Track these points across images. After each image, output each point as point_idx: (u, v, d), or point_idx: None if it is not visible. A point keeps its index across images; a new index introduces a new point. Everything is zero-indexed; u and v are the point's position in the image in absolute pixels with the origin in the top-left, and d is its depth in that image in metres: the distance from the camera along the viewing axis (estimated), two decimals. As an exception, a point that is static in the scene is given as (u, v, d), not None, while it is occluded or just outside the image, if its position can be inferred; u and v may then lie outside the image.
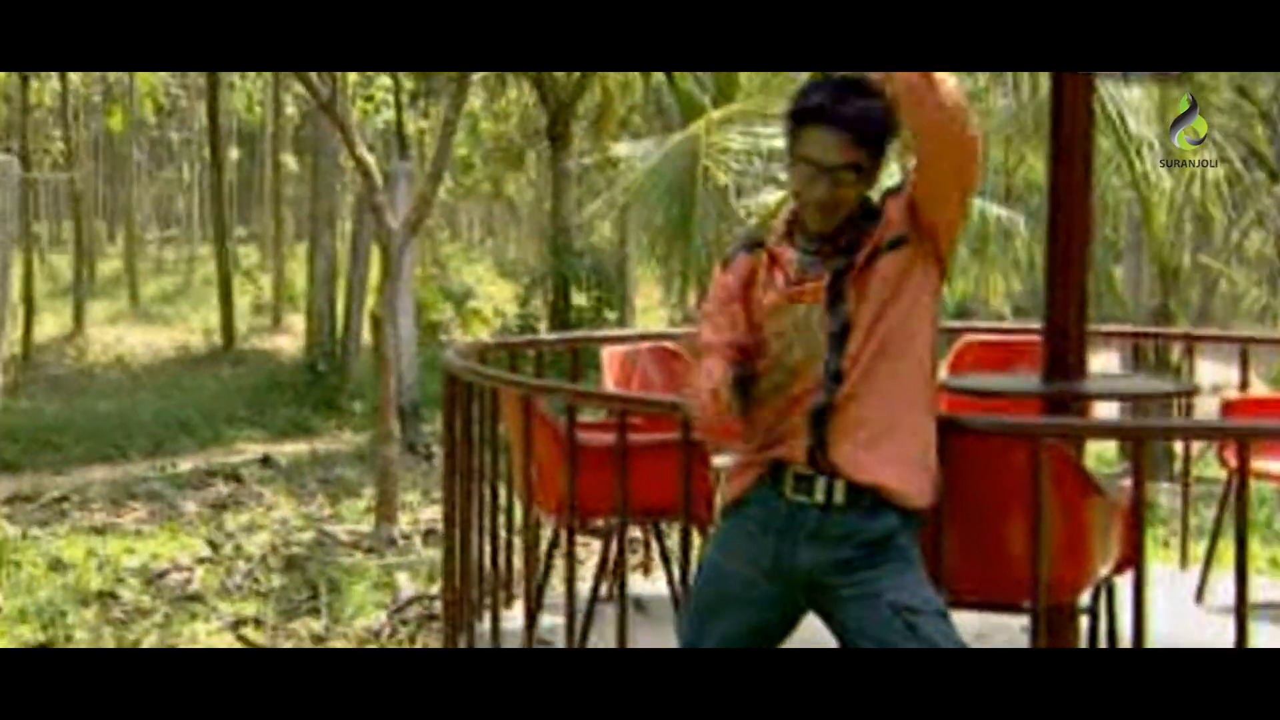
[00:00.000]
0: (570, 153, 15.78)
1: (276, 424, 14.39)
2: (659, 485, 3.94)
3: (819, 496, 2.93)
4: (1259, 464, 4.60)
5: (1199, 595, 5.07)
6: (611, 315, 15.33)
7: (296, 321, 21.15)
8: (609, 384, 5.33)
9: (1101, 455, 9.74)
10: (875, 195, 3.06)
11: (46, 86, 24.78)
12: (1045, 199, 4.54)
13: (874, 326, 2.92)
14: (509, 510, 4.74)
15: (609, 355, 5.49)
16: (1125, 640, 3.63)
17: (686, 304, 11.67)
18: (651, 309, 22.10)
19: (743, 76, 12.30)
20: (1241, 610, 3.47)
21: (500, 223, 38.70)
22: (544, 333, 14.12)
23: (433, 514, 8.66)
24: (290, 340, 21.15)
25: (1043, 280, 4.49)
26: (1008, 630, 3.93)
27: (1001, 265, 10.08)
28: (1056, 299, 4.42)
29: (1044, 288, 4.48)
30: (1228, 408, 5.42)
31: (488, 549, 4.67)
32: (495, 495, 4.65)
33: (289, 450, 12.79)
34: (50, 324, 22.28)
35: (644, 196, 10.56)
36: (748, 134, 10.20)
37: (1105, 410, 6.58)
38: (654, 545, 5.28)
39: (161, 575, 7.76)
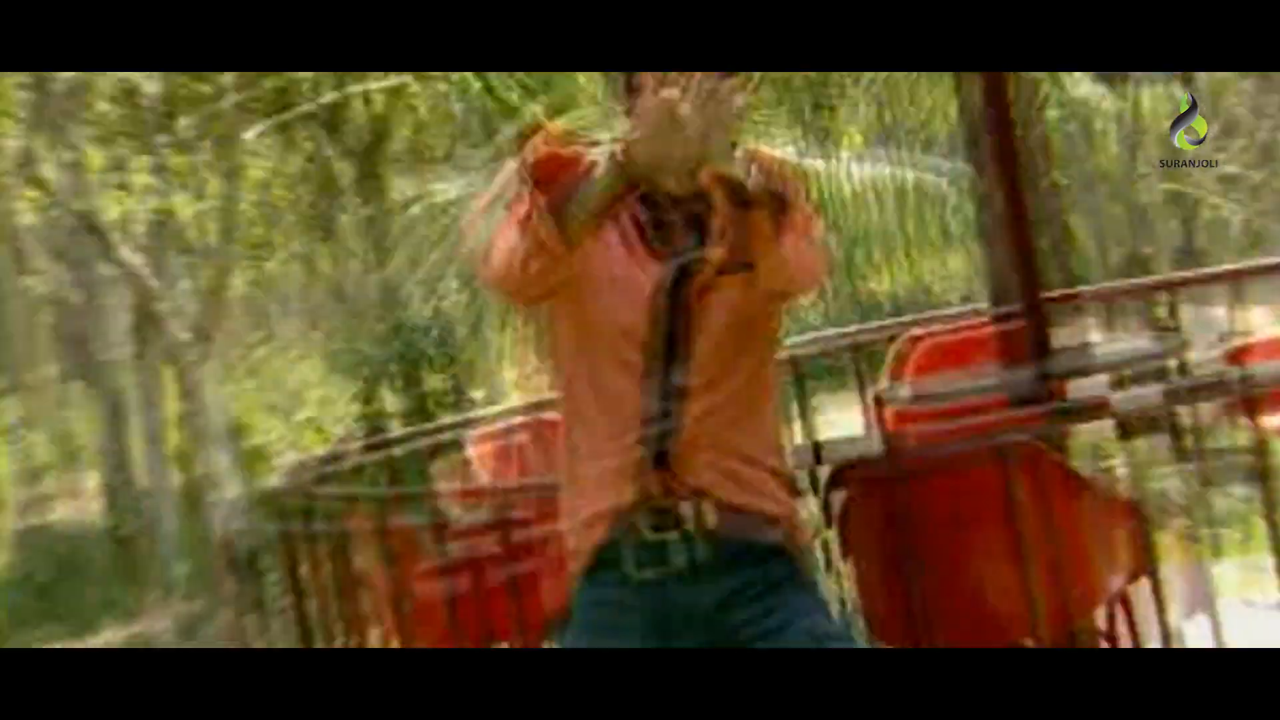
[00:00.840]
0: (388, 204, 15.78)
1: (82, 613, 14.16)
2: (561, 586, 3.95)
3: (689, 524, 2.98)
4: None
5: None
6: (478, 394, 15.32)
7: (85, 480, 20.81)
8: (483, 477, 5.35)
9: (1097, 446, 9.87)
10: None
11: None
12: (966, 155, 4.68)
13: (719, 343, 3.01)
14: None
15: (478, 442, 5.52)
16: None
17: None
18: (527, 377, 22.06)
19: (582, 86, 12.41)
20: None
21: (325, 308, 38.45)
22: (396, 431, 14.05)
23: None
24: (82, 505, 20.80)
25: (982, 255, 4.62)
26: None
27: (934, 243, 10.24)
28: (1002, 272, 4.56)
29: (984, 263, 4.61)
30: (1234, 357, 5.56)
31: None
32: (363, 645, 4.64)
33: (103, 642, 12.59)
34: None
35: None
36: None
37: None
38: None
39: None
